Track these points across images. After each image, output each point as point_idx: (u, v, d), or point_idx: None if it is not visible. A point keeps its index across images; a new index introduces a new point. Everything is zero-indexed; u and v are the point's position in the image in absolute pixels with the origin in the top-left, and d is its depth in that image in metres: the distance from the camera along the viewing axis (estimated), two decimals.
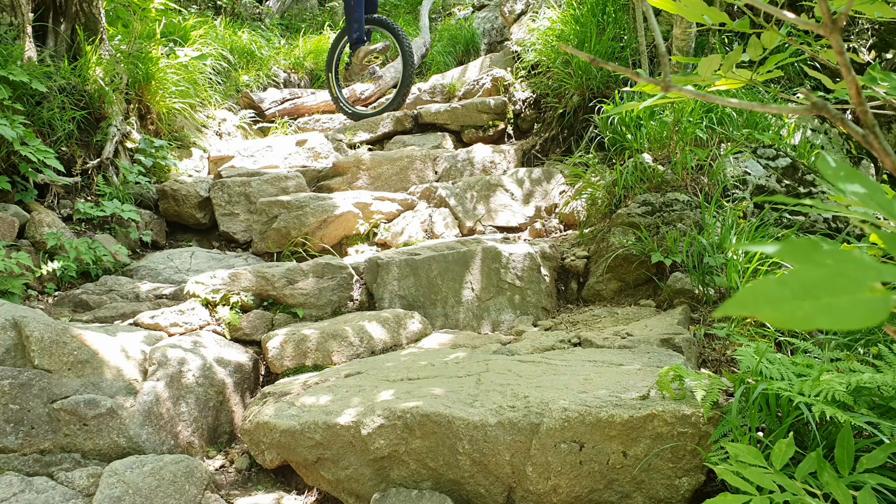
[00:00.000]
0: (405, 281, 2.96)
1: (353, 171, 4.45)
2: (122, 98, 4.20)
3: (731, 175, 3.00)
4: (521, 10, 5.88)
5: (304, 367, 2.44)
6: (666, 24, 4.47)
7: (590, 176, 3.38)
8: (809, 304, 0.33)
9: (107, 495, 1.69)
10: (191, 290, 2.76)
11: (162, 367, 2.15)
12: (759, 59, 0.99)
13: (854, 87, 0.55)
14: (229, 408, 2.29)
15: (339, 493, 1.82)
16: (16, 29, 3.63)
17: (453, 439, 1.62)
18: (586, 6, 4.61)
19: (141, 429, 1.98)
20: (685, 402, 1.55)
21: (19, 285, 2.85)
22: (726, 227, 2.63)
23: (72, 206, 3.61)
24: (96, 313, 2.81)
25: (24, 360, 2.02)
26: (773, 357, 1.56)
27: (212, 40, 6.31)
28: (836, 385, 1.31)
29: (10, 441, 1.87)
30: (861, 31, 4.27)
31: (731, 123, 3.35)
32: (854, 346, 1.87)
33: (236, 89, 6.51)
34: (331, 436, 1.74)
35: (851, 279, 0.35)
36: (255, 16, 9.08)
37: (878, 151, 0.58)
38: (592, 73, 4.22)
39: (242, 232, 4.06)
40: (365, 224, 3.76)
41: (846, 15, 0.53)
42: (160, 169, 4.38)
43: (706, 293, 2.54)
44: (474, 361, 2.09)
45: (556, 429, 1.54)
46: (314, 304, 2.87)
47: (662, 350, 2.08)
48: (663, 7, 0.86)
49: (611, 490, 1.55)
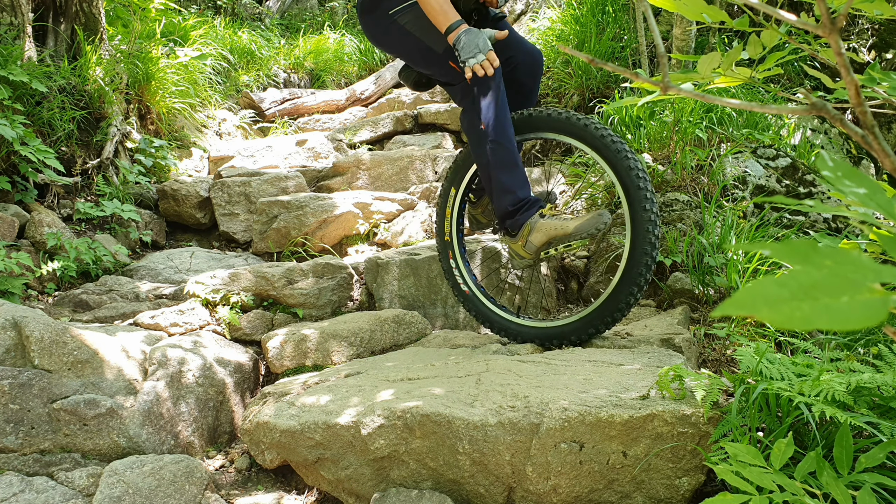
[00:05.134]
0: (405, 281, 2.96)
1: (353, 171, 4.45)
2: (122, 98, 4.20)
3: (730, 175, 3.00)
4: (521, 10, 5.89)
5: (304, 366, 2.44)
6: (666, 23, 4.47)
7: (590, 176, 3.38)
8: (808, 305, 0.33)
9: (107, 495, 1.69)
10: (191, 290, 2.76)
11: (162, 366, 2.15)
12: (759, 57, 0.99)
13: (853, 88, 0.55)
14: (229, 408, 2.29)
15: (339, 493, 1.82)
16: (16, 29, 3.63)
17: (453, 439, 1.62)
18: (586, 6, 4.61)
19: (141, 429, 1.98)
20: (685, 402, 1.55)
21: (19, 285, 2.85)
22: (726, 227, 2.63)
23: (72, 206, 3.61)
24: (96, 313, 2.81)
25: (24, 360, 2.02)
26: (773, 357, 1.56)
27: (212, 40, 6.31)
28: (836, 385, 1.31)
29: (10, 441, 1.87)
30: (861, 31, 4.27)
31: (731, 123, 3.35)
32: (854, 346, 1.87)
33: (236, 89, 6.51)
34: (331, 436, 1.74)
35: (850, 280, 0.35)
36: (254, 16, 9.08)
37: (878, 152, 0.58)
38: (592, 73, 4.22)
39: (242, 232, 4.06)
40: (365, 224, 3.76)
41: (845, 15, 0.53)
42: (160, 169, 4.38)
43: (706, 293, 2.54)
44: (474, 361, 2.09)
45: (556, 429, 1.54)
46: (314, 303, 2.87)
47: (662, 350, 2.08)
48: (663, 6, 0.86)
49: (611, 490, 1.55)
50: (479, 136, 2.21)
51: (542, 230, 2.15)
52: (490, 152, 2.19)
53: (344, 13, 10.00)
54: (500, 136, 2.18)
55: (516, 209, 2.20)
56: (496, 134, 2.18)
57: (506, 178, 2.19)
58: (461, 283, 2.45)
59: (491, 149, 2.19)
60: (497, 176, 2.20)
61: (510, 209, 2.21)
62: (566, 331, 2.23)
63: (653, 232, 2.06)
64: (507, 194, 2.20)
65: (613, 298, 2.12)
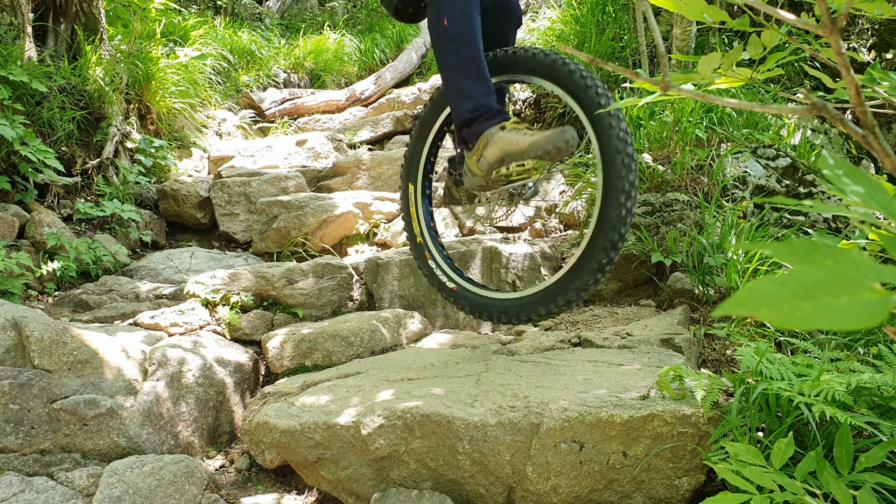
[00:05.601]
0: (405, 281, 2.96)
1: (353, 171, 4.45)
2: (122, 98, 4.20)
3: (730, 175, 3.00)
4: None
5: (304, 366, 2.44)
6: (666, 24, 4.47)
7: (590, 176, 3.38)
8: (808, 305, 0.33)
9: (107, 495, 1.69)
10: (191, 290, 2.76)
11: (162, 367, 2.15)
12: (760, 57, 0.99)
13: (853, 88, 0.55)
14: (229, 408, 2.29)
15: (339, 493, 1.82)
16: (16, 29, 3.63)
17: (453, 439, 1.62)
18: (586, 6, 4.61)
19: (141, 429, 1.98)
20: (685, 402, 1.55)
21: (19, 285, 2.85)
22: (726, 227, 2.63)
23: (72, 206, 3.61)
24: (96, 313, 2.81)
25: (24, 360, 2.02)
26: (773, 357, 1.56)
27: (212, 40, 6.31)
28: (836, 385, 1.31)
29: (10, 441, 1.87)
30: (861, 31, 4.27)
31: (731, 123, 3.35)
32: (854, 346, 1.87)
33: (236, 89, 6.51)
34: (331, 436, 1.74)
35: (851, 280, 0.35)
36: (254, 16, 9.08)
37: (878, 152, 0.58)
38: (592, 72, 4.22)
39: (242, 232, 4.06)
40: (365, 224, 3.76)
41: (846, 15, 0.53)
42: (160, 169, 4.38)
43: (706, 293, 2.53)
44: (474, 361, 2.08)
45: (556, 429, 1.54)
46: (314, 304, 2.87)
47: (662, 350, 2.08)
48: (663, 6, 0.86)
49: (611, 490, 1.55)
50: (441, 35, 1.95)
51: (497, 143, 1.86)
52: (450, 50, 1.93)
53: (344, 13, 10.00)
54: (463, 33, 1.91)
55: (474, 117, 1.93)
56: (458, 30, 1.91)
57: (466, 82, 1.93)
58: (447, 282, 2.22)
59: (451, 49, 1.93)
60: (457, 80, 1.94)
61: (468, 116, 1.93)
62: (511, 306, 1.96)
63: (627, 178, 1.72)
64: (467, 100, 1.93)
65: (575, 270, 1.80)
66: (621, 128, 1.74)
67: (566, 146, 1.74)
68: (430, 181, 2.30)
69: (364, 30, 8.93)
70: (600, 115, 1.75)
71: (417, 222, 2.27)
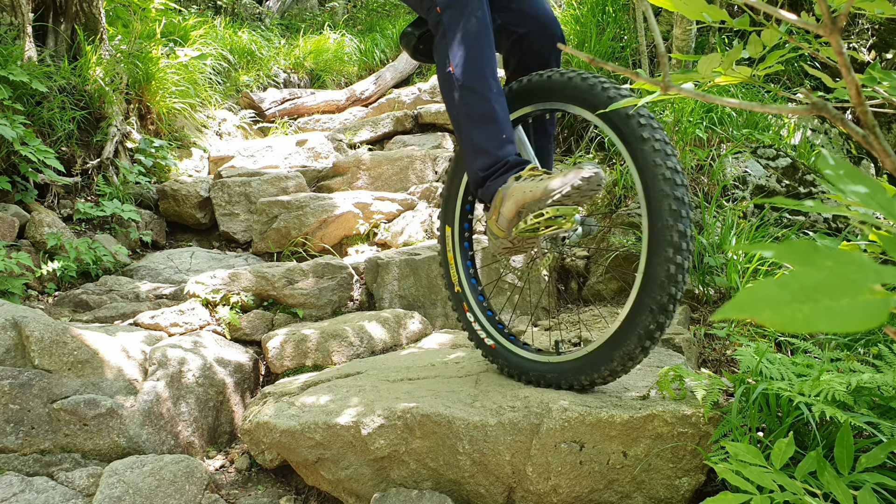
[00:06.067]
0: (405, 281, 2.96)
1: (353, 171, 4.45)
2: (122, 98, 4.20)
3: (731, 175, 2.99)
4: None
5: (304, 366, 2.44)
6: (666, 23, 4.47)
7: None
8: (809, 307, 0.33)
9: (107, 495, 1.69)
10: (191, 290, 2.76)
11: (162, 366, 2.15)
12: (759, 56, 0.99)
13: (854, 87, 0.55)
14: (229, 408, 2.29)
15: (339, 493, 1.82)
16: (16, 29, 3.63)
17: (453, 439, 1.62)
18: (586, 6, 4.61)
19: (141, 429, 1.98)
20: (685, 402, 1.55)
21: (19, 285, 2.85)
22: (726, 227, 2.63)
23: (72, 206, 3.61)
24: (96, 313, 2.81)
25: (24, 360, 2.02)
26: (773, 357, 1.56)
27: (212, 40, 6.31)
28: (836, 385, 1.31)
29: (10, 441, 1.87)
30: (861, 31, 4.27)
31: (731, 123, 3.35)
32: (854, 346, 1.87)
33: (236, 89, 6.51)
34: (331, 436, 1.74)
35: (851, 281, 0.35)
36: (255, 16, 9.08)
37: (878, 152, 0.58)
38: (592, 72, 4.22)
39: (242, 232, 4.06)
40: (365, 224, 3.76)
41: (846, 14, 0.53)
42: (160, 169, 4.38)
43: (706, 293, 2.53)
44: (474, 361, 2.08)
45: (557, 429, 1.54)
46: (314, 304, 2.87)
47: (662, 350, 2.08)
48: (663, 6, 0.86)
49: (611, 490, 1.55)
50: (447, 81, 1.73)
51: (511, 197, 1.59)
52: (459, 100, 1.70)
53: (344, 13, 10.00)
54: (472, 79, 1.67)
55: (489, 174, 1.68)
56: (466, 77, 1.67)
57: (478, 134, 1.68)
58: (485, 339, 1.94)
59: (460, 96, 1.69)
60: (468, 132, 1.70)
61: (481, 175, 1.69)
62: (550, 371, 1.72)
63: (676, 227, 1.43)
64: (480, 155, 1.69)
65: (620, 335, 1.54)
66: (668, 165, 1.46)
67: (588, 185, 1.49)
68: (469, 222, 2.02)
69: (364, 30, 8.92)
70: (644, 151, 1.48)
71: (455, 269, 2.01)
